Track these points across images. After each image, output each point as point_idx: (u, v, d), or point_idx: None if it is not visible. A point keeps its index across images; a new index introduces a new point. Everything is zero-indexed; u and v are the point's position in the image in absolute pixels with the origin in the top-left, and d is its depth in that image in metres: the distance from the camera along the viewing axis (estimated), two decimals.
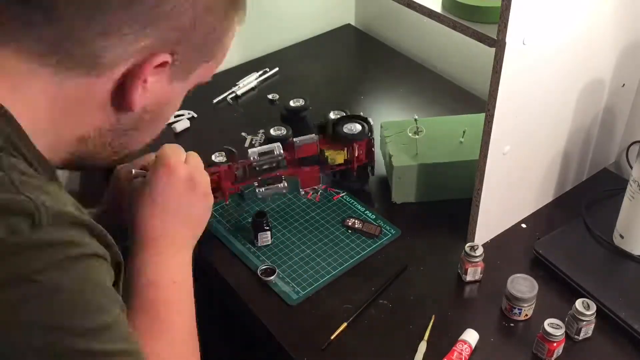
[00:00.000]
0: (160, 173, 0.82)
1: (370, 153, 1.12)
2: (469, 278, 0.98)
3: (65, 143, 0.65)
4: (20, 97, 0.60)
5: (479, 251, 0.96)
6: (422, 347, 0.89)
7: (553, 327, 0.86)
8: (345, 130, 1.11)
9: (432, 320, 0.93)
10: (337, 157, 1.11)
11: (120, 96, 0.63)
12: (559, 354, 0.88)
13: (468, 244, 0.97)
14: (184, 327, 0.76)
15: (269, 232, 1.04)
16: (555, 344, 0.86)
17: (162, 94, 0.67)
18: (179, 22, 0.62)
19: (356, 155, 1.10)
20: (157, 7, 0.60)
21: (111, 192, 0.92)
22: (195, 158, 0.87)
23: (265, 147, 1.07)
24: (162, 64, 0.63)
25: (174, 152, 0.84)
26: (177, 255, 0.80)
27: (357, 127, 1.11)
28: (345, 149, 1.10)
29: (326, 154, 1.10)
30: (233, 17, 0.68)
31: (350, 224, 1.07)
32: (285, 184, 1.07)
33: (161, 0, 0.60)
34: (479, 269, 0.97)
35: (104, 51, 0.60)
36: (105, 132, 0.66)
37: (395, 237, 1.06)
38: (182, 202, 0.82)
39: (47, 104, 0.61)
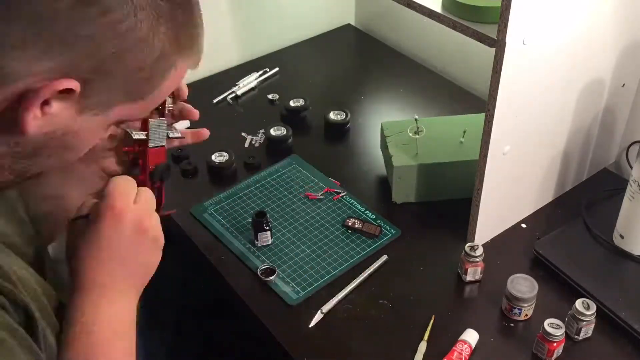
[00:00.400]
0: (107, 217, 0.71)
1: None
2: (469, 278, 0.98)
3: None
4: None
5: (479, 251, 0.96)
6: (422, 347, 0.89)
7: (553, 327, 0.86)
8: None
9: (432, 320, 0.93)
10: None
11: (12, 116, 0.57)
12: (559, 354, 0.88)
13: (468, 244, 0.97)
14: None
15: (269, 232, 1.04)
16: (555, 344, 0.86)
17: (68, 124, 0.60)
18: (97, 51, 0.56)
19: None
20: (70, 30, 0.55)
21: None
22: (145, 196, 0.75)
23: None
24: (68, 91, 0.57)
25: (123, 192, 0.73)
26: (120, 303, 0.71)
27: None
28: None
29: None
30: (175, 62, 0.63)
31: (350, 224, 1.07)
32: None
33: (77, 24, 0.55)
34: (479, 269, 0.97)
35: (3, 65, 0.55)
36: (2, 155, 0.60)
37: (395, 237, 1.06)
38: (129, 250, 0.72)
39: None
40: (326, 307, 0.95)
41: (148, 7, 0.58)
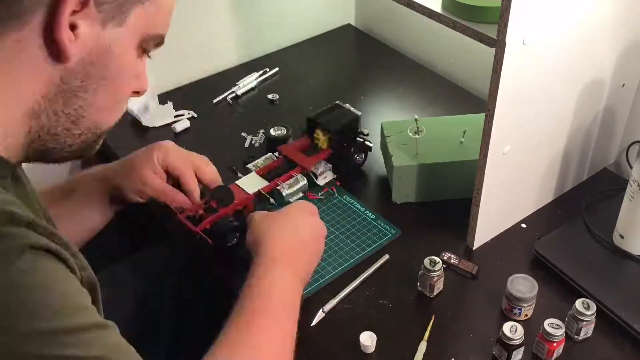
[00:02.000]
0: (301, 206, 0.94)
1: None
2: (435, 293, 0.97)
3: (17, 124, 0.62)
4: None
5: (439, 266, 0.95)
6: (422, 347, 0.89)
7: (553, 327, 0.86)
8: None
9: (432, 321, 0.93)
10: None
11: (52, 47, 0.60)
12: (559, 354, 0.88)
13: (428, 258, 0.96)
14: (272, 348, 0.77)
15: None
16: (555, 344, 0.86)
17: (98, 41, 0.62)
18: None
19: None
20: None
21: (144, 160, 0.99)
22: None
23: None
24: (85, 3, 0.59)
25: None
26: (290, 279, 0.84)
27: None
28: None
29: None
30: None
31: (445, 258, 1.00)
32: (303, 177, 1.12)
33: None
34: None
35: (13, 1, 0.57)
36: (52, 96, 0.62)
37: (395, 237, 1.06)
38: (308, 240, 0.90)
39: None
40: (327, 307, 0.95)
41: None
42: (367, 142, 1.18)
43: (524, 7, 0.80)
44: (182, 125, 1.31)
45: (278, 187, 1.10)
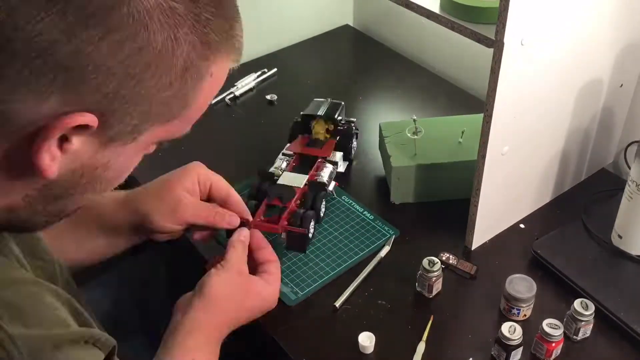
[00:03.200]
0: (214, 271, 0.83)
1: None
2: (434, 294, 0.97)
3: None
4: None
5: (437, 266, 0.95)
6: (421, 347, 0.89)
7: (551, 327, 0.86)
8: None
9: (430, 321, 0.93)
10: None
11: (28, 163, 0.51)
12: (558, 354, 0.88)
13: (426, 259, 0.96)
14: None
15: None
16: (553, 344, 0.86)
17: (94, 159, 0.54)
18: (108, 78, 0.49)
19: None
20: (73, 58, 0.47)
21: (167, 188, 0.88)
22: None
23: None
24: (84, 127, 0.50)
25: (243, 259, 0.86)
26: (206, 350, 0.80)
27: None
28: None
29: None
30: (209, 66, 0.55)
31: (444, 258, 1.00)
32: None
33: (79, 50, 0.47)
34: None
35: (9, 109, 0.48)
36: (33, 199, 0.55)
37: (394, 237, 1.06)
38: (232, 304, 0.83)
39: None
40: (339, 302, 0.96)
41: (159, 14, 0.49)
42: (355, 127, 1.22)
43: (522, 8, 0.80)
44: None
45: (316, 178, 1.09)
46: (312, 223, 0.99)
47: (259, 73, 1.46)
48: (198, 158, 1.11)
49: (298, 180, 1.08)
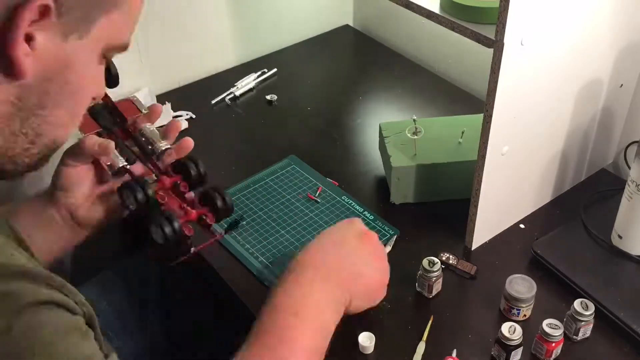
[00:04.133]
0: (339, 223, 0.86)
1: None
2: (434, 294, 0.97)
3: None
4: None
5: (437, 266, 0.95)
6: (421, 347, 0.89)
7: (551, 327, 0.86)
8: None
9: (430, 321, 0.93)
10: None
11: (5, 62, 0.54)
12: (558, 354, 0.88)
13: (426, 259, 0.96)
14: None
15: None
16: (553, 345, 0.86)
17: (58, 54, 0.57)
18: None
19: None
20: None
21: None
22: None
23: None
24: (45, 13, 0.54)
25: (361, 222, 0.89)
26: (322, 291, 0.79)
27: None
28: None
29: None
30: None
31: (444, 259, 1.01)
32: None
33: None
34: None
35: None
36: (8, 116, 0.58)
37: (394, 237, 1.06)
38: (347, 249, 0.83)
39: None
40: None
41: None
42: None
43: (522, 8, 0.80)
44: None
45: None
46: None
47: (259, 73, 1.47)
48: (200, 157, 1.10)
49: None
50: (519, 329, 0.86)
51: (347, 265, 0.82)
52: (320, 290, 0.78)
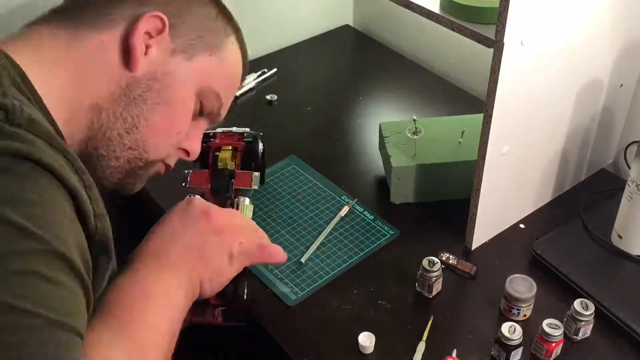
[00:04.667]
0: (181, 203, 0.79)
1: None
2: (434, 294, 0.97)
3: (82, 112, 0.70)
4: (41, 60, 0.68)
5: (437, 266, 0.95)
6: (421, 347, 0.89)
7: (551, 327, 0.86)
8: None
9: (430, 321, 0.93)
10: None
11: (126, 54, 0.72)
12: (558, 354, 0.88)
13: (426, 259, 0.95)
14: (143, 341, 0.66)
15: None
16: (553, 344, 0.86)
17: (164, 64, 0.74)
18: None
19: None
20: None
21: None
22: (228, 210, 0.84)
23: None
24: (161, 29, 0.73)
25: (202, 200, 0.82)
26: (162, 273, 0.72)
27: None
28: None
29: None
30: (228, 29, 0.81)
31: (444, 258, 1.00)
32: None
33: None
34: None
35: (109, 10, 0.73)
36: (116, 97, 0.71)
37: (393, 237, 1.06)
38: (189, 230, 0.76)
39: (65, 66, 0.69)
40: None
41: None
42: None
43: (522, 8, 0.80)
44: None
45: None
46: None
47: (259, 73, 1.47)
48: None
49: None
50: (519, 328, 0.86)
51: (188, 251, 0.75)
52: (164, 279, 0.72)
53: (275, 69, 1.48)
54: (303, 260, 1.01)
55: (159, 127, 0.75)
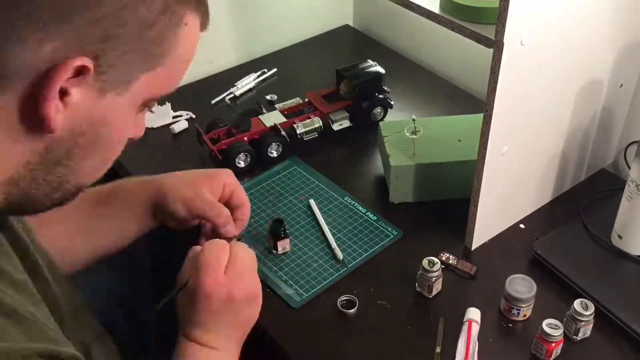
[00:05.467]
0: (199, 294, 0.77)
1: None
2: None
3: None
4: None
5: (437, 266, 0.95)
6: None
7: (551, 327, 0.86)
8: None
9: (441, 325, 0.92)
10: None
11: (34, 116, 0.53)
12: (558, 354, 0.88)
13: (426, 259, 0.96)
14: None
15: (287, 240, 1.03)
16: (553, 345, 0.86)
17: (93, 111, 0.55)
18: (96, 17, 0.52)
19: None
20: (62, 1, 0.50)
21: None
22: (239, 256, 0.80)
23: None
24: (82, 71, 0.52)
25: (212, 264, 0.78)
26: (219, 349, 0.78)
27: None
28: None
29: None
30: (183, 15, 0.58)
31: (444, 258, 1.00)
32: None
33: None
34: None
35: (5, 60, 0.50)
36: (34, 166, 0.56)
37: (396, 238, 1.06)
38: (226, 316, 0.79)
39: None
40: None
41: None
42: (388, 99, 1.29)
43: (522, 8, 0.80)
44: (181, 126, 1.31)
45: (294, 125, 1.23)
46: (243, 162, 1.16)
47: (258, 73, 1.46)
48: (199, 158, 1.11)
49: (273, 120, 1.22)
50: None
51: (236, 332, 0.82)
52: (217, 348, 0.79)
53: (275, 69, 1.48)
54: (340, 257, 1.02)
55: (94, 168, 0.62)
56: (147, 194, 0.93)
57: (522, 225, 1.09)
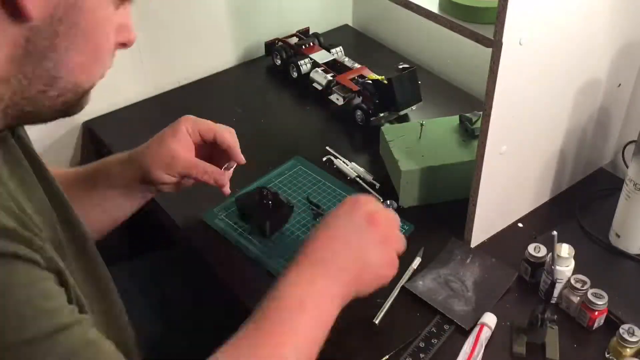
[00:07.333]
0: (346, 204, 0.80)
1: None
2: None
3: None
4: None
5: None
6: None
7: (596, 296, 0.88)
8: None
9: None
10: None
11: (9, 4, 0.54)
12: (601, 323, 0.90)
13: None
14: (286, 349, 0.69)
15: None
16: (596, 313, 0.87)
17: None
18: None
19: None
20: None
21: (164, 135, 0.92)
22: (390, 214, 0.83)
23: None
24: None
25: (368, 198, 0.82)
26: (332, 283, 0.75)
27: None
28: None
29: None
30: None
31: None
32: None
33: None
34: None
35: None
36: (19, 59, 0.56)
37: (409, 232, 1.06)
38: (355, 236, 0.78)
39: None
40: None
41: None
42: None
43: (521, 8, 0.81)
44: None
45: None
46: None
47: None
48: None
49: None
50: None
51: (355, 260, 0.78)
52: (326, 286, 0.75)
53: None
54: (376, 321, 0.95)
55: (85, 62, 0.61)
56: (133, 172, 0.92)
57: (520, 224, 1.09)
